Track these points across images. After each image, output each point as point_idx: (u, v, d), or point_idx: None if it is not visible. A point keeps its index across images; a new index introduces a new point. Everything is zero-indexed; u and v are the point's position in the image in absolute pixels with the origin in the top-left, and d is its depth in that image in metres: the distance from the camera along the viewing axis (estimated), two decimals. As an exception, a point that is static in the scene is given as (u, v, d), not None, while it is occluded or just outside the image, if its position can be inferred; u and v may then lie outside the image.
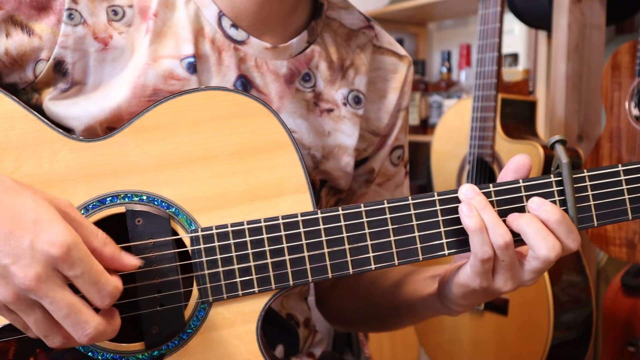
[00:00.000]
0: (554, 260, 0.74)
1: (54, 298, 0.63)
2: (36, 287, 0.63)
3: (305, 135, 0.91)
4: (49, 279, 0.63)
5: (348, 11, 0.99)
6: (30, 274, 0.62)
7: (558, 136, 0.77)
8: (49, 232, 0.63)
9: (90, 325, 0.65)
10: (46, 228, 0.64)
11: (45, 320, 0.65)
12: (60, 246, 0.63)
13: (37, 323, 0.65)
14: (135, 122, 0.76)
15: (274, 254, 0.76)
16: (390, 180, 1.04)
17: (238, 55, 0.87)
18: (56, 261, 0.63)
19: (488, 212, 0.75)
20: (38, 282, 0.63)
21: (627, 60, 1.73)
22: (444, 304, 0.85)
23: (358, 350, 1.25)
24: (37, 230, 0.63)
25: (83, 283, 0.65)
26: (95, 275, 0.65)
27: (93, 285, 0.65)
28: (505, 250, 0.74)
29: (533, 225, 0.74)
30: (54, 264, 0.63)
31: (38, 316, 0.65)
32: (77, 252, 0.64)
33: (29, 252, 0.63)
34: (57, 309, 0.64)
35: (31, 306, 0.65)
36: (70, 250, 0.63)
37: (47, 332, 0.66)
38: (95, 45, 0.81)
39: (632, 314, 1.72)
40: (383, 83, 1.00)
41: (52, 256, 0.63)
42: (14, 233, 0.63)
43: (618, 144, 1.74)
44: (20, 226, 0.63)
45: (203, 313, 0.76)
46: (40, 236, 0.63)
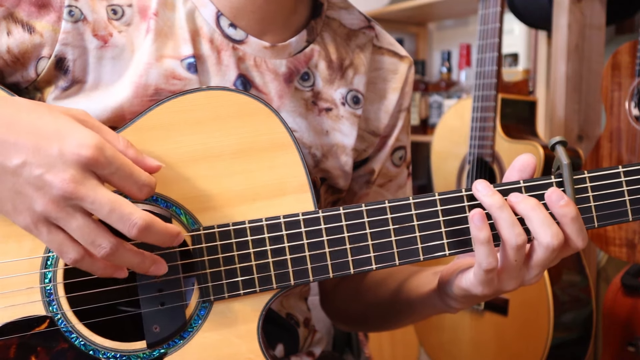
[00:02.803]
0: (556, 248, 0.73)
1: (95, 196, 0.63)
2: (75, 190, 0.63)
3: (305, 134, 0.91)
4: (85, 179, 0.63)
5: (348, 11, 0.99)
6: (67, 177, 0.63)
7: (559, 137, 0.77)
8: (74, 136, 0.64)
9: (135, 215, 0.65)
10: (70, 133, 0.64)
11: (89, 224, 0.65)
12: (89, 147, 0.63)
13: (81, 228, 0.65)
14: (137, 121, 0.77)
15: (275, 254, 0.76)
16: (392, 181, 1.04)
17: (237, 54, 0.87)
18: (89, 162, 0.63)
19: (506, 211, 0.74)
20: (76, 184, 0.63)
21: (627, 60, 1.73)
22: (443, 301, 0.86)
23: (358, 350, 1.26)
24: (62, 138, 0.64)
25: (119, 179, 0.66)
26: (129, 169, 0.66)
27: (128, 178, 0.66)
28: (520, 250, 0.74)
29: (539, 211, 0.74)
30: (87, 165, 0.63)
31: (80, 221, 0.64)
32: (107, 151, 0.64)
33: (59, 159, 0.63)
34: (100, 206, 0.64)
35: (72, 212, 0.64)
36: (100, 150, 0.64)
37: (94, 236, 0.65)
38: (94, 42, 0.81)
39: (632, 314, 1.72)
40: (383, 83, 1.00)
41: (84, 157, 0.63)
42: (40, 144, 0.64)
43: (618, 144, 1.74)
44: (44, 137, 0.64)
45: (204, 312, 0.76)
46: (67, 142, 0.63)
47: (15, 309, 0.74)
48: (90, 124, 0.68)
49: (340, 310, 1.09)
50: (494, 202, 0.74)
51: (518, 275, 0.76)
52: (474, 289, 0.77)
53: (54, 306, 0.75)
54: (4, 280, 0.74)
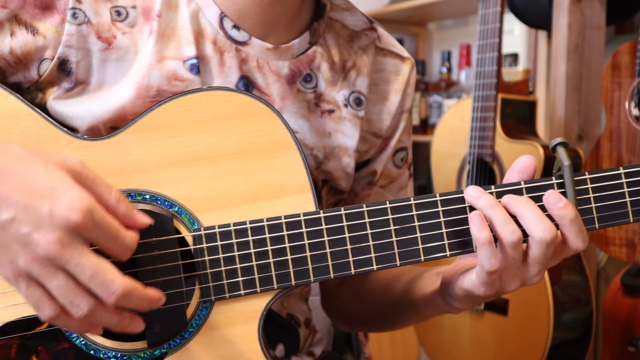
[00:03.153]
0: (550, 242, 0.73)
1: (79, 260, 0.64)
2: (60, 252, 0.63)
3: (307, 136, 0.91)
4: (71, 242, 0.63)
5: (351, 12, 0.99)
6: (53, 239, 0.63)
7: (560, 139, 0.77)
8: (65, 197, 0.64)
9: (116, 283, 0.64)
10: (62, 194, 0.64)
11: (69, 284, 0.65)
12: (79, 211, 0.63)
13: (61, 288, 0.64)
14: (138, 121, 0.77)
15: (276, 254, 0.76)
16: (393, 182, 1.04)
17: (240, 56, 0.87)
18: (77, 226, 0.63)
19: (498, 209, 0.75)
20: (61, 246, 0.63)
21: (627, 60, 1.73)
22: (446, 301, 0.86)
23: (358, 350, 1.26)
24: (54, 197, 0.64)
25: (104, 242, 0.66)
26: (114, 233, 0.66)
27: (113, 241, 0.66)
28: (517, 247, 0.74)
29: (530, 207, 0.74)
30: (74, 229, 0.63)
31: (61, 281, 0.64)
32: (96, 215, 0.64)
33: (48, 219, 0.63)
34: (83, 270, 0.64)
35: (54, 271, 0.64)
36: (90, 214, 0.64)
37: (73, 296, 0.65)
38: (98, 44, 0.82)
39: (632, 314, 1.72)
40: (385, 85, 1.00)
41: (73, 221, 0.63)
42: (31, 202, 0.63)
43: (618, 144, 1.75)
44: (36, 195, 0.64)
45: (205, 312, 0.77)
46: (58, 203, 0.63)
47: (16, 308, 0.74)
48: (84, 177, 0.67)
49: (341, 310, 1.09)
50: (486, 202, 0.75)
51: (518, 274, 0.77)
52: (476, 290, 0.77)
53: (55, 306, 0.75)
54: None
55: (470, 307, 0.86)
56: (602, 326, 1.81)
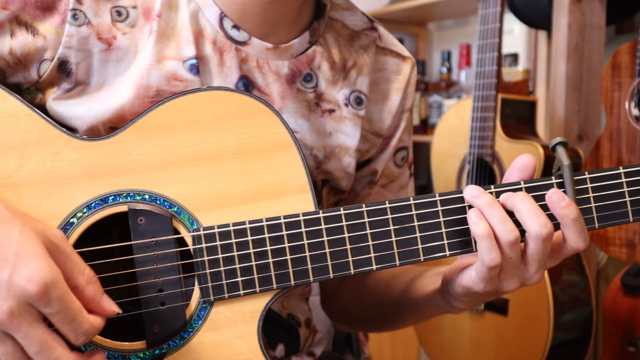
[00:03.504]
0: (546, 237, 0.74)
1: (26, 333, 0.63)
2: (8, 321, 0.62)
3: (307, 136, 0.91)
4: (22, 314, 0.62)
5: (351, 12, 0.99)
6: (4, 308, 0.62)
7: (559, 138, 0.77)
8: (28, 267, 0.62)
9: None
10: (26, 263, 0.63)
11: (16, 353, 0.64)
12: (38, 283, 0.62)
13: (7, 355, 0.64)
14: (138, 121, 0.77)
15: (275, 254, 0.76)
16: (394, 182, 1.04)
17: (240, 56, 0.87)
18: (32, 298, 0.62)
19: (496, 209, 0.75)
20: (11, 316, 0.62)
21: (627, 60, 1.73)
22: (447, 301, 0.86)
23: (358, 350, 1.26)
24: (17, 264, 0.62)
25: (58, 320, 0.64)
26: (72, 314, 0.65)
27: (68, 323, 0.65)
28: (514, 246, 0.74)
29: (526, 203, 0.74)
30: (29, 300, 0.62)
31: (9, 348, 0.64)
32: (55, 291, 0.63)
33: (5, 286, 0.62)
34: (30, 344, 0.63)
35: (2, 338, 0.64)
36: (48, 289, 0.62)
37: None
38: (99, 45, 0.81)
39: (632, 314, 1.72)
40: (386, 84, 1.00)
41: (28, 293, 0.62)
42: None
43: (618, 144, 1.74)
44: (1, 258, 0.63)
45: (204, 312, 0.77)
46: (19, 270, 0.62)
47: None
48: (60, 251, 0.66)
49: (341, 310, 1.09)
50: (484, 201, 0.75)
51: (517, 274, 0.77)
52: (475, 287, 0.77)
53: (55, 306, 0.75)
54: (4, 280, 0.74)
55: (470, 307, 0.86)
56: (602, 326, 1.81)
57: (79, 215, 0.75)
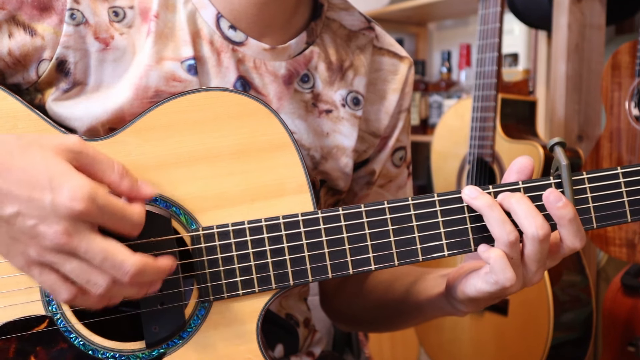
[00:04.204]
0: (543, 238, 0.74)
1: (87, 246, 0.64)
2: (68, 241, 0.63)
3: (304, 136, 0.91)
4: (77, 230, 0.64)
5: (348, 12, 0.99)
6: (59, 230, 0.63)
7: (557, 138, 0.77)
8: (66, 187, 0.64)
9: (128, 263, 0.65)
10: (63, 183, 0.64)
11: (83, 266, 0.65)
12: (82, 199, 0.63)
13: (76, 271, 0.65)
14: (136, 122, 0.77)
15: (274, 254, 0.76)
16: (392, 182, 1.04)
17: (237, 56, 0.87)
18: (81, 214, 0.63)
19: (495, 210, 0.75)
20: (68, 236, 0.63)
21: (627, 60, 1.73)
22: (452, 304, 0.85)
23: (358, 350, 1.26)
24: (54, 188, 0.64)
25: (111, 224, 0.66)
26: (120, 213, 0.67)
27: (119, 221, 0.67)
28: (514, 247, 0.74)
29: (523, 204, 0.74)
30: (79, 217, 0.64)
31: (75, 265, 0.65)
32: (98, 201, 0.64)
33: (52, 211, 0.63)
34: (93, 255, 0.64)
35: (66, 257, 0.65)
36: (92, 201, 0.64)
37: (89, 275, 0.65)
38: (96, 45, 0.82)
39: (632, 314, 1.72)
40: (383, 84, 1.00)
41: (77, 210, 0.63)
42: (33, 195, 0.64)
43: (618, 144, 1.74)
44: (36, 187, 0.64)
45: (203, 312, 0.77)
46: (59, 193, 0.63)
47: (14, 308, 0.74)
48: (84, 156, 0.67)
49: (342, 311, 1.09)
50: (483, 202, 0.75)
51: (518, 275, 0.77)
52: (480, 296, 0.78)
53: (54, 306, 0.75)
54: (3, 280, 0.74)
55: (475, 310, 0.86)
56: (602, 326, 1.81)
57: (78, 216, 0.75)
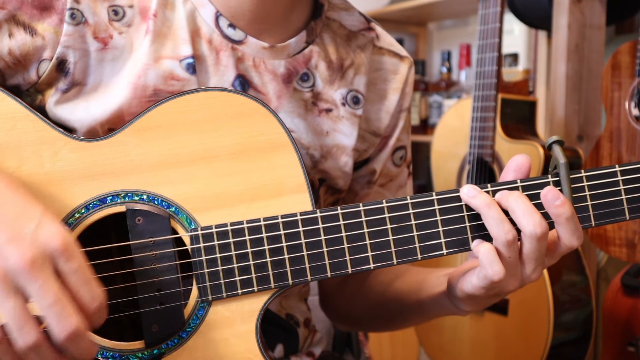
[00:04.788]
0: (540, 236, 0.74)
1: (44, 283, 0.62)
2: (29, 269, 0.62)
3: (303, 135, 0.91)
4: (43, 264, 0.63)
5: (348, 12, 0.99)
6: (27, 256, 0.62)
7: (555, 137, 0.77)
8: (53, 225, 0.65)
9: (73, 320, 0.63)
10: (52, 222, 0.65)
11: (24, 310, 0.63)
12: (62, 238, 0.64)
13: (15, 310, 0.62)
14: (135, 122, 0.77)
15: (273, 253, 0.76)
16: (392, 181, 1.04)
17: (236, 55, 0.87)
18: (55, 251, 0.63)
19: (494, 209, 0.75)
20: (32, 265, 0.62)
21: (627, 60, 1.73)
22: (453, 303, 0.86)
23: (358, 350, 1.26)
24: (42, 222, 0.64)
25: (76, 280, 0.64)
26: (88, 276, 0.65)
27: (85, 284, 0.65)
28: (512, 246, 0.74)
29: (521, 202, 0.75)
30: (52, 253, 0.63)
31: (18, 303, 0.62)
32: (75, 249, 0.65)
33: (30, 237, 0.63)
34: (45, 295, 0.62)
35: (14, 291, 0.62)
36: (70, 246, 0.64)
37: (23, 323, 0.62)
38: (95, 44, 0.82)
39: (632, 314, 1.72)
40: (383, 84, 1.00)
41: (52, 246, 0.63)
42: (20, 218, 0.64)
43: (618, 144, 1.74)
44: (27, 215, 0.65)
45: (203, 312, 0.77)
46: (44, 227, 0.64)
47: (14, 308, 0.74)
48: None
49: (342, 311, 1.09)
50: (482, 201, 0.75)
51: (516, 274, 0.77)
52: (476, 292, 0.78)
53: (53, 306, 0.75)
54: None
55: (476, 309, 0.86)
56: (602, 326, 1.81)
57: (77, 216, 0.75)
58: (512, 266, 0.76)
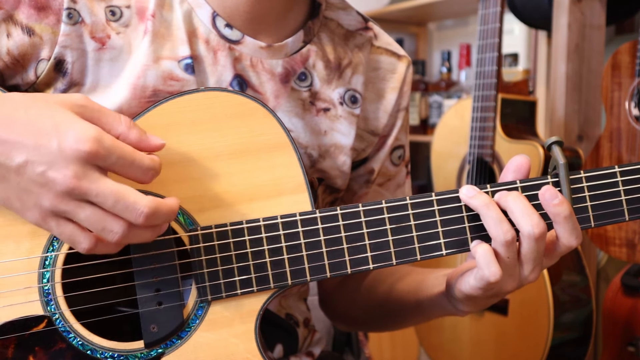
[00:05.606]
0: (539, 236, 0.74)
1: (98, 189, 0.64)
2: (78, 185, 0.64)
3: (301, 135, 0.91)
4: (86, 173, 0.64)
5: (346, 12, 0.99)
6: (69, 174, 0.63)
7: (555, 137, 0.77)
8: (72, 131, 0.64)
9: (141, 203, 0.65)
10: (68, 128, 0.64)
11: (97, 213, 0.65)
12: (87, 141, 0.64)
13: (90, 218, 0.65)
14: (135, 122, 0.77)
15: (272, 253, 0.76)
16: (391, 180, 1.04)
17: (233, 55, 0.87)
18: (88, 156, 0.64)
19: (492, 209, 0.75)
20: (78, 179, 0.63)
21: (627, 60, 1.73)
22: (452, 303, 0.86)
23: (358, 350, 1.26)
24: (60, 133, 0.64)
25: (121, 167, 0.66)
26: (130, 156, 0.66)
27: (130, 165, 0.66)
28: (511, 246, 0.74)
29: (519, 202, 0.75)
30: (87, 159, 0.64)
31: (88, 212, 0.65)
32: (105, 142, 0.65)
33: (59, 155, 0.64)
34: (104, 198, 0.64)
35: (79, 204, 0.65)
36: (98, 142, 0.64)
37: (104, 222, 0.66)
38: (92, 44, 0.82)
39: (632, 314, 1.72)
40: (381, 83, 1.00)
41: (83, 151, 0.63)
42: (40, 142, 0.64)
43: (618, 144, 1.74)
44: (43, 134, 0.64)
45: (202, 312, 0.77)
46: (65, 137, 0.64)
47: (13, 308, 0.74)
48: (89, 110, 0.68)
49: (341, 311, 1.09)
50: (481, 201, 0.75)
51: (514, 274, 0.77)
52: (474, 293, 0.78)
53: (52, 306, 0.75)
54: (2, 280, 0.74)
55: (475, 310, 0.86)
56: (602, 326, 1.81)
57: (77, 216, 0.75)
58: (510, 267, 0.76)
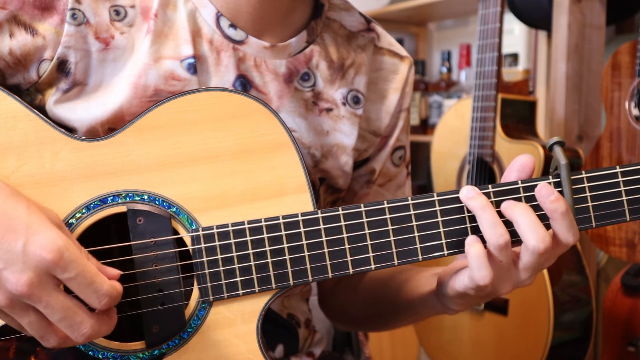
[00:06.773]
0: (543, 251, 0.74)
1: (47, 302, 0.64)
2: (29, 292, 0.63)
3: (304, 135, 0.91)
4: (41, 283, 0.63)
5: (349, 13, 0.99)
6: (23, 279, 0.62)
7: (556, 138, 0.77)
8: (41, 235, 0.64)
9: (85, 325, 0.65)
10: (38, 232, 0.64)
11: (39, 322, 0.65)
12: (52, 250, 0.63)
13: (32, 325, 0.65)
14: (136, 122, 0.77)
15: (274, 254, 0.76)
16: (391, 181, 1.04)
17: (237, 55, 0.87)
18: (49, 265, 0.63)
19: (488, 211, 0.75)
20: (30, 287, 0.63)
21: (627, 60, 1.73)
22: (442, 302, 0.86)
23: (358, 350, 1.26)
24: (29, 234, 0.63)
25: (78, 285, 0.65)
26: (90, 276, 0.65)
27: (88, 286, 0.65)
28: (504, 250, 0.74)
29: (526, 215, 0.74)
30: (47, 268, 0.63)
31: (32, 318, 0.65)
32: (70, 255, 0.64)
33: (21, 257, 0.63)
34: (52, 312, 0.64)
35: (25, 309, 0.65)
36: (63, 253, 0.63)
37: (43, 333, 0.66)
38: (96, 44, 0.82)
39: (632, 314, 1.72)
40: (384, 84, 1.00)
41: (45, 260, 0.63)
42: (6, 237, 0.63)
43: (618, 144, 1.74)
44: (12, 230, 0.64)
45: (203, 312, 0.77)
46: (32, 240, 0.63)
47: (14, 309, 0.74)
48: (59, 226, 0.68)
49: (339, 310, 1.10)
50: (477, 203, 0.75)
51: (508, 277, 0.77)
52: (468, 292, 0.78)
53: (54, 306, 0.75)
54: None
55: (465, 308, 0.86)
56: (602, 326, 1.81)
57: (78, 216, 0.75)
58: (504, 270, 0.76)
